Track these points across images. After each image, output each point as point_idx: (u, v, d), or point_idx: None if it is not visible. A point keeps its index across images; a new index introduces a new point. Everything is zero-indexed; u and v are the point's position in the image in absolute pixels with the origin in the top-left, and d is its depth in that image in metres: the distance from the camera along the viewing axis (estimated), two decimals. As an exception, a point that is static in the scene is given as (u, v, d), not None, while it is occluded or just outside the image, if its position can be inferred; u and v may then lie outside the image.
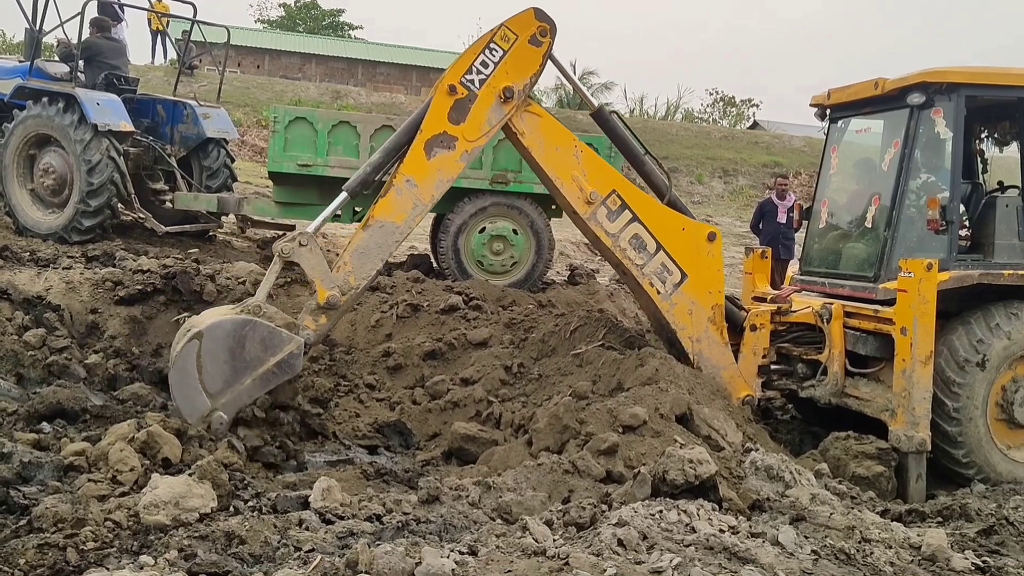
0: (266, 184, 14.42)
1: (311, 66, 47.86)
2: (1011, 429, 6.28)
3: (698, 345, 6.42)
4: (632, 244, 6.30)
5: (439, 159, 5.85)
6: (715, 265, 6.49)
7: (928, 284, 5.85)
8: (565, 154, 6.22)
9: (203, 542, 3.50)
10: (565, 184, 6.22)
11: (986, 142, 7.35)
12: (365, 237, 5.73)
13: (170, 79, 13.36)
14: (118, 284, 7.59)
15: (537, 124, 6.15)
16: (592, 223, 6.26)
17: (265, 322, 5.30)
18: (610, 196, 6.25)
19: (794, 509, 4.46)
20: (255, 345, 5.21)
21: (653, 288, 6.36)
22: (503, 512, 4.31)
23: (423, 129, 5.84)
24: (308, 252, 5.54)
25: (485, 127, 5.94)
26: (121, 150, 9.76)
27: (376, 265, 5.78)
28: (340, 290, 5.61)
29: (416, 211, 5.82)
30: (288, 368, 5.31)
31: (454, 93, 5.86)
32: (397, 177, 5.80)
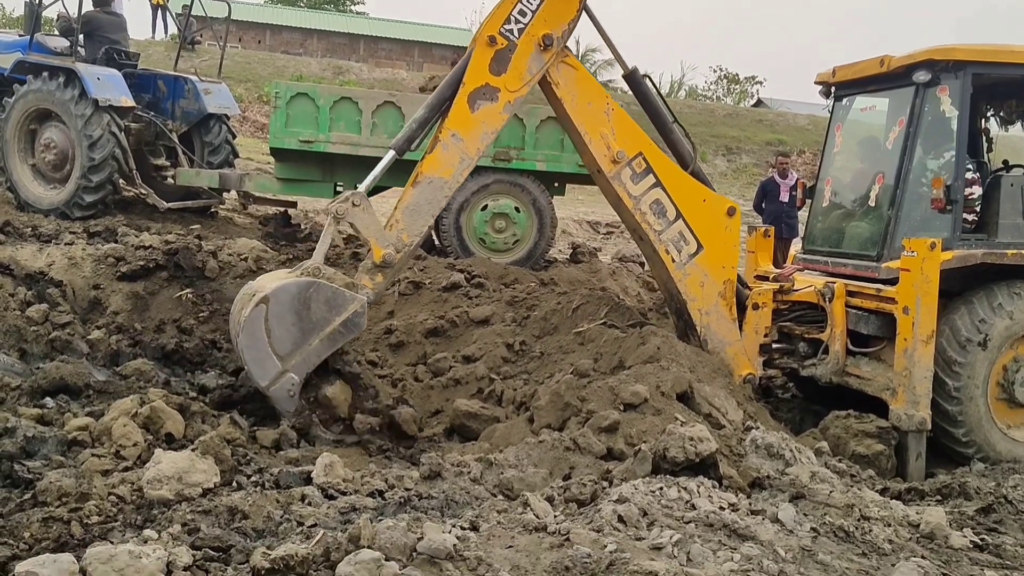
0: (268, 160, 14.38)
1: (313, 41, 47.59)
2: (1011, 408, 6.29)
3: (707, 318, 6.43)
4: (652, 209, 6.29)
5: (483, 111, 5.87)
6: (732, 240, 6.50)
7: (931, 263, 5.84)
8: (596, 110, 6.19)
9: (206, 517, 3.52)
10: (593, 140, 6.20)
11: (992, 120, 7.31)
12: (415, 193, 5.79)
13: (171, 54, 13.29)
14: (120, 260, 7.59)
15: (572, 76, 6.12)
16: (616, 183, 6.24)
17: (328, 283, 5.36)
18: (636, 158, 6.23)
19: (794, 487, 4.48)
20: (320, 306, 5.29)
21: (668, 256, 6.36)
22: (504, 488, 4.34)
23: (465, 82, 5.84)
24: (362, 212, 5.60)
25: (526, 76, 5.93)
26: (122, 125, 9.73)
27: (427, 221, 5.88)
28: (395, 248, 5.68)
29: (463, 165, 5.88)
30: (354, 326, 5.40)
31: (494, 44, 5.85)
32: (443, 132, 5.84)
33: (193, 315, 7.31)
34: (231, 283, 7.69)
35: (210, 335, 7.13)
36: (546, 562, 3.21)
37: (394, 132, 9.04)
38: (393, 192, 12.83)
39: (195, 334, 7.11)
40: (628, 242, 16.54)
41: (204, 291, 7.57)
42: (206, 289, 7.59)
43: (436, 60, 47.34)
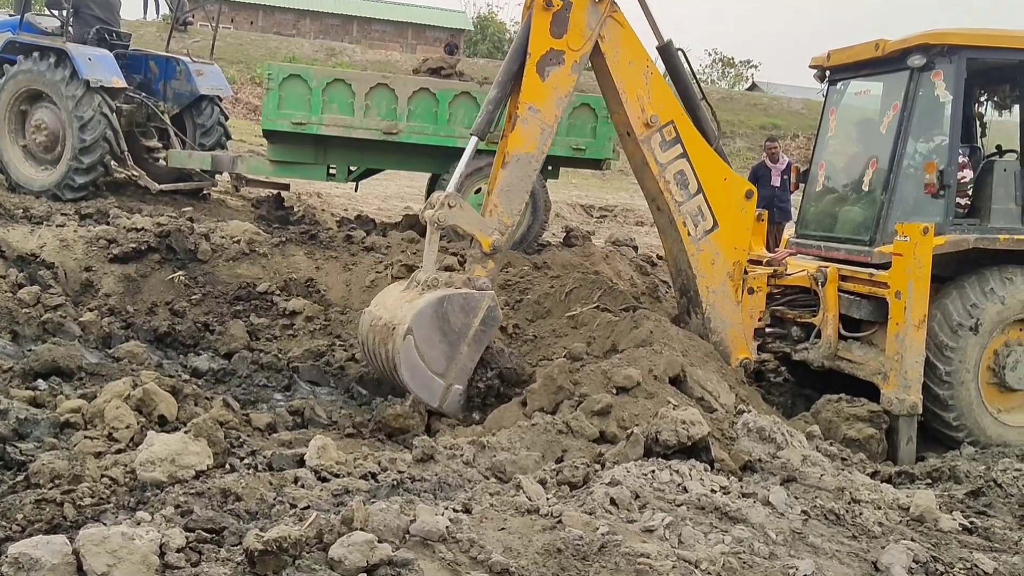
0: (260, 142, 14.31)
1: (305, 23, 47.31)
2: (1002, 393, 6.33)
3: (713, 296, 6.47)
4: (676, 179, 6.35)
5: (553, 77, 5.94)
6: (746, 222, 6.57)
7: (924, 248, 5.85)
8: (636, 70, 6.22)
9: (199, 499, 3.52)
10: (629, 100, 6.23)
11: (985, 105, 7.30)
12: (506, 174, 5.91)
13: (162, 35, 13.18)
14: (112, 242, 7.56)
15: (619, 33, 6.15)
16: (645, 147, 6.29)
17: (455, 292, 5.56)
18: (667, 125, 6.30)
19: (785, 470, 4.51)
20: (457, 315, 5.52)
21: (685, 228, 6.42)
22: (497, 471, 4.35)
23: (531, 52, 5.89)
24: (460, 211, 5.73)
25: (587, 32, 5.98)
26: (114, 106, 9.67)
27: (523, 198, 6.03)
28: (499, 232, 5.86)
29: (545, 135, 5.98)
30: (492, 320, 5.65)
31: (550, 7, 5.87)
32: (519, 108, 5.91)
33: (186, 297, 7.30)
34: (223, 265, 7.68)
35: (202, 317, 7.12)
36: (538, 544, 3.22)
37: (387, 114, 9.02)
38: (387, 175, 12.79)
39: (188, 316, 7.10)
40: (621, 226, 16.54)
41: (196, 273, 7.56)
42: (198, 271, 7.58)
43: (430, 42, 47.11)
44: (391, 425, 5.58)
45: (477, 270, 5.83)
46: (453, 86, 9.20)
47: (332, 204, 13.51)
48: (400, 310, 5.62)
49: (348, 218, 11.19)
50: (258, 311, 7.33)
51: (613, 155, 9.49)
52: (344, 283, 7.75)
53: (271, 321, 7.22)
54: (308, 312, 7.30)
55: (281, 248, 8.05)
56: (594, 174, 16.52)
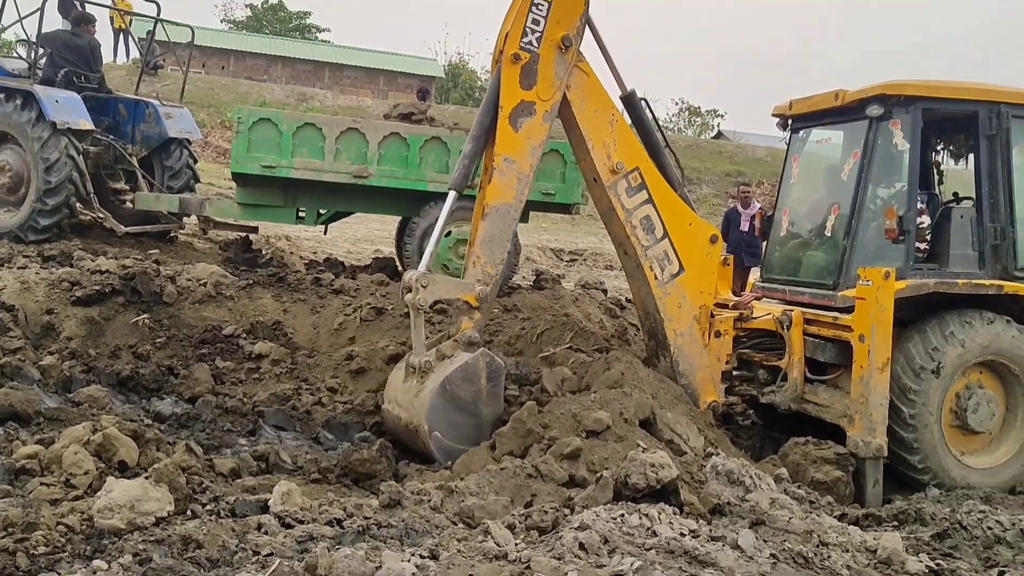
0: (229, 186, 14.27)
1: (277, 68, 47.54)
2: (964, 435, 6.41)
3: (680, 339, 6.51)
4: (642, 224, 6.46)
5: (526, 128, 6.06)
6: (711, 266, 6.67)
7: (886, 292, 5.95)
8: (602, 118, 6.35)
9: (159, 546, 3.44)
10: (596, 147, 6.35)
11: (942, 154, 7.50)
12: (486, 225, 6.01)
13: (132, 78, 13.17)
14: (75, 284, 7.45)
15: (584, 82, 6.29)
16: (611, 193, 6.39)
17: (451, 369, 5.65)
18: (633, 172, 6.42)
19: (754, 513, 4.51)
20: (464, 389, 5.67)
21: (652, 272, 6.50)
22: (465, 516, 4.30)
23: (503, 105, 6.00)
24: (435, 285, 5.79)
25: (556, 82, 6.10)
26: (80, 148, 9.59)
27: (505, 247, 6.12)
28: (483, 282, 5.93)
29: (521, 184, 6.08)
30: (496, 372, 5.79)
31: (518, 60, 5.99)
32: (495, 159, 6.01)
33: (150, 341, 7.19)
34: (189, 308, 7.59)
35: (167, 361, 7.02)
36: (506, 590, 3.18)
37: (357, 158, 9.04)
38: (357, 218, 12.80)
39: (151, 360, 6.98)
40: (591, 269, 16.64)
41: (161, 316, 7.46)
42: (163, 314, 7.48)
43: (401, 88, 47.53)
44: (357, 470, 5.51)
45: (464, 323, 5.92)
46: (424, 131, 9.27)
47: (301, 247, 13.46)
48: (412, 407, 5.76)
49: (317, 261, 11.15)
50: (224, 354, 7.24)
51: (582, 200, 9.58)
52: (312, 326, 7.70)
53: (237, 364, 7.13)
54: (274, 355, 7.23)
55: (248, 291, 7.99)
56: (564, 218, 16.65)
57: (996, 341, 6.28)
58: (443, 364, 5.75)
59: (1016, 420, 6.46)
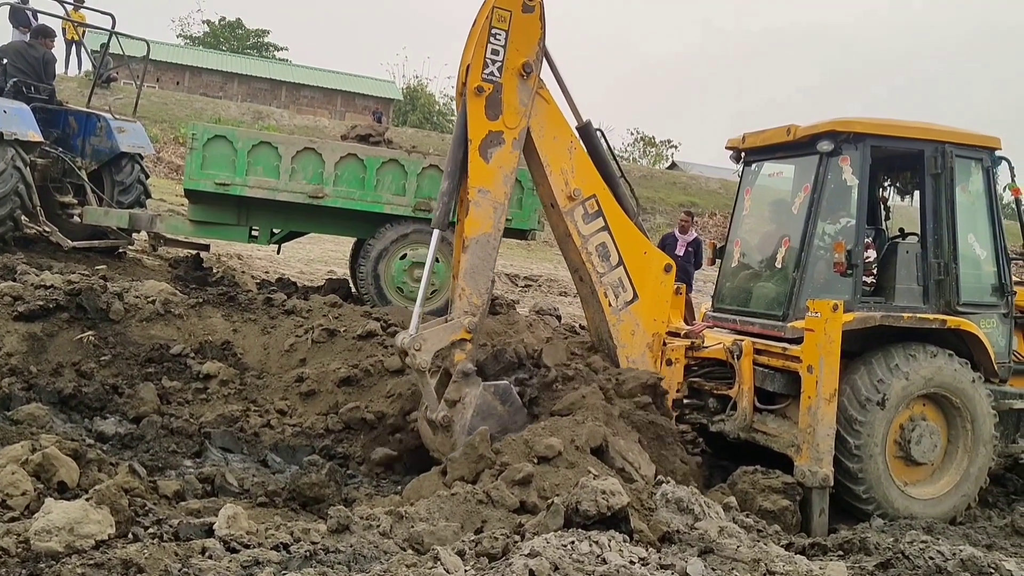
0: (181, 202, 14.06)
1: (233, 85, 47.16)
2: (908, 466, 6.53)
3: (633, 366, 6.55)
4: (598, 251, 6.56)
5: (496, 158, 6.11)
6: (664, 295, 6.78)
7: (833, 324, 6.07)
8: (560, 145, 6.46)
9: (98, 570, 3.34)
10: (553, 173, 6.45)
11: (889, 190, 7.71)
12: (468, 258, 6.04)
13: (84, 90, 12.94)
14: (18, 299, 7.25)
15: (544, 109, 6.39)
16: (568, 219, 6.49)
17: (468, 416, 5.71)
18: (590, 199, 6.53)
19: (703, 541, 4.53)
20: (489, 423, 5.69)
21: (607, 299, 6.59)
22: (414, 542, 4.25)
23: (471, 138, 6.06)
24: (427, 343, 5.81)
25: (521, 108, 6.18)
26: (28, 160, 9.38)
27: (488, 276, 6.16)
28: (470, 314, 5.96)
29: (498, 213, 6.14)
30: (505, 393, 5.86)
31: (481, 93, 6.05)
32: (469, 192, 6.06)
33: (94, 358, 7.02)
34: (136, 326, 7.43)
35: (111, 379, 6.85)
36: (455, 617, 3.14)
37: (313, 178, 8.98)
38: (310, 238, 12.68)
39: (95, 378, 6.81)
40: (545, 295, 16.69)
41: (107, 334, 7.28)
42: (110, 332, 7.31)
43: (359, 110, 47.46)
44: (306, 494, 5.43)
45: (457, 355, 5.94)
46: (381, 153, 9.25)
47: (253, 266, 13.30)
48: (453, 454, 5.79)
49: (269, 280, 11.01)
50: (171, 374, 7.09)
51: (538, 226, 9.63)
52: (262, 347, 7.59)
53: (184, 384, 6.99)
54: (223, 376, 7.10)
55: (198, 309, 7.85)
56: (520, 244, 16.69)
57: (939, 374, 6.44)
58: (458, 410, 5.79)
59: (957, 452, 6.61)
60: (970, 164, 6.94)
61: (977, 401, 6.55)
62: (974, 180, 6.99)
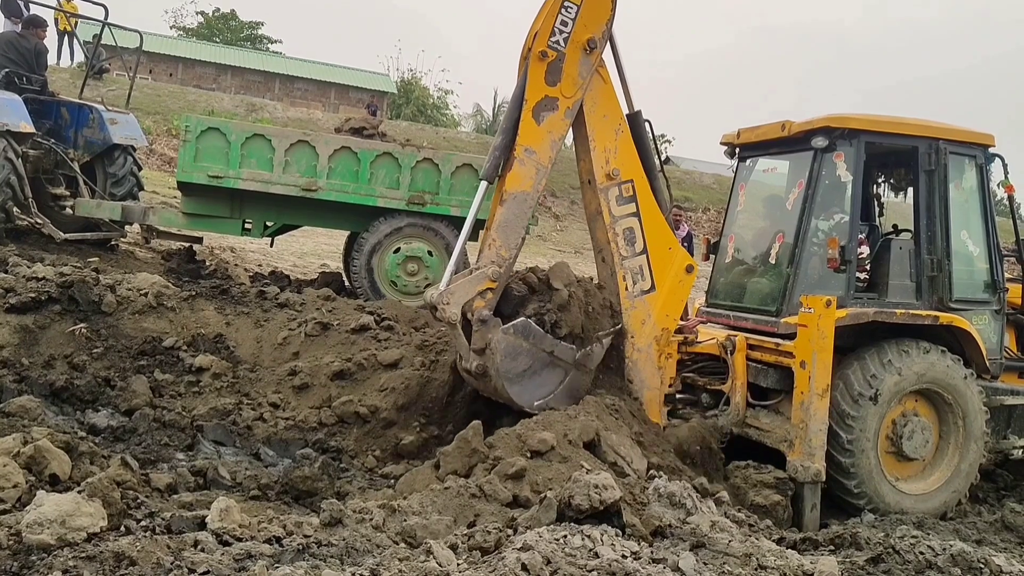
0: (174, 194, 14.02)
1: (226, 77, 46.99)
2: (899, 462, 6.56)
3: (638, 354, 6.59)
4: (625, 234, 6.65)
5: (547, 122, 6.28)
6: (681, 293, 6.83)
7: (827, 320, 6.08)
8: (609, 124, 6.61)
9: (90, 563, 3.33)
10: (596, 150, 6.59)
11: (883, 187, 7.72)
12: (503, 211, 6.20)
13: (76, 82, 12.88)
14: (9, 291, 7.21)
15: (600, 87, 6.54)
16: (603, 196, 6.62)
17: (495, 357, 5.88)
18: (627, 183, 6.65)
19: (695, 536, 4.53)
20: (520, 363, 5.96)
21: (624, 283, 6.65)
22: (407, 536, 4.25)
23: (527, 99, 6.22)
24: (455, 295, 5.94)
25: (579, 81, 6.34)
26: (19, 151, 9.34)
27: (520, 233, 6.30)
28: (497, 264, 6.10)
29: (540, 175, 6.30)
30: (526, 329, 6.01)
31: (545, 58, 6.21)
32: (516, 150, 6.22)
33: (86, 351, 6.99)
34: (129, 318, 7.40)
35: (104, 372, 6.82)
36: (448, 611, 3.15)
37: (307, 171, 8.96)
38: (304, 231, 12.66)
39: (88, 371, 6.79)
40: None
41: (100, 326, 7.25)
42: (102, 324, 7.28)
43: (352, 103, 47.34)
44: (298, 487, 5.43)
45: (477, 303, 6.05)
46: (375, 146, 9.23)
47: (246, 259, 13.27)
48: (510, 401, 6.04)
49: (262, 274, 10.99)
50: (163, 367, 7.07)
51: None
52: (255, 340, 7.57)
53: (176, 377, 6.97)
54: (216, 369, 7.08)
55: (190, 302, 7.82)
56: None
57: (931, 370, 6.46)
58: (488, 356, 5.93)
59: (948, 448, 6.65)
60: (964, 161, 6.96)
61: (969, 397, 6.58)
62: (968, 177, 7.02)
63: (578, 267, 7.90)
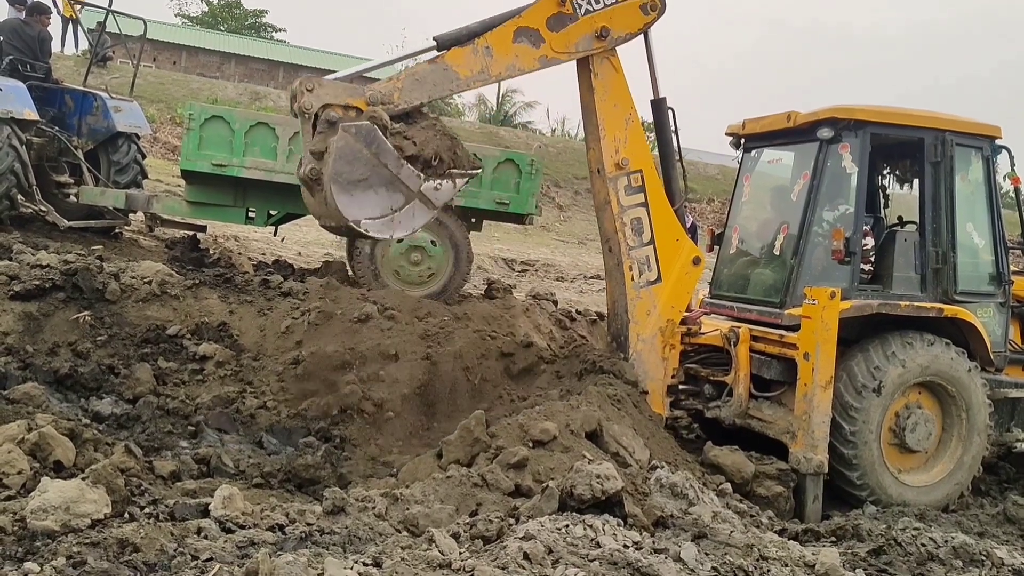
0: (178, 183, 14.00)
1: (230, 65, 46.90)
2: (902, 454, 6.56)
3: (642, 345, 6.61)
4: (632, 224, 6.66)
5: (521, 47, 6.20)
6: (688, 285, 6.86)
7: (831, 312, 6.07)
8: (619, 113, 6.61)
9: (94, 549, 3.35)
10: (606, 139, 6.59)
11: (889, 178, 7.69)
12: (427, 69, 5.98)
13: (80, 69, 12.87)
14: (13, 278, 7.22)
15: (611, 75, 6.55)
16: (611, 185, 6.61)
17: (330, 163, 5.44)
18: (636, 173, 6.65)
19: (696, 526, 4.55)
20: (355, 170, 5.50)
21: (630, 273, 6.67)
22: (410, 524, 4.27)
23: (522, 16, 6.17)
24: (322, 89, 5.60)
25: (572, 48, 6.34)
26: (24, 139, 9.33)
27: (422, 97, 5.96)
28: (384, 97, 5.74)
29: (480, 76, 6.14)
30: (368, 133, 5.52)
31: (562, 5, 6.20)
32: (480, 39, 6.07)
33: (90, 339, 7.00)
34: (132, 306, 7.40)
35: (107, 360, 6.83)
36: (450, 599, 3.16)
37: (311, 160, 8.95)
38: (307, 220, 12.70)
39: (92, 358, 6.80)
40: (542, 280, 16.68)
41: (103, 314, 7.26)
42: (106, 312, 7.28)
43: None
44: (301, 476, 5.44)
45: (336, 110, 5.62)
46: (379, 135, 9.19)
47: (250, 248, 13.26)
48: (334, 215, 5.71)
49: (266, 262, 10.98)
50: (167, 355, 7.08)
51: (535, 211, 9.60)
52: (258, 328, 7.56)
53: (180, 366, 6.97)
54: (219, 357, 7.09)
55: (194, 291, 7.82)
56: (516, 229, 16.64)
57: (935, 362, 6.45)
58: (325, 161, 5.52)
59: (951, 440, 6.64)
60: (970, 153, 6.93)
61: (973, 390, 6.57)
62: (974, 169, 6.98)
63: (582, 257, 7.91)
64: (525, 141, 29.27)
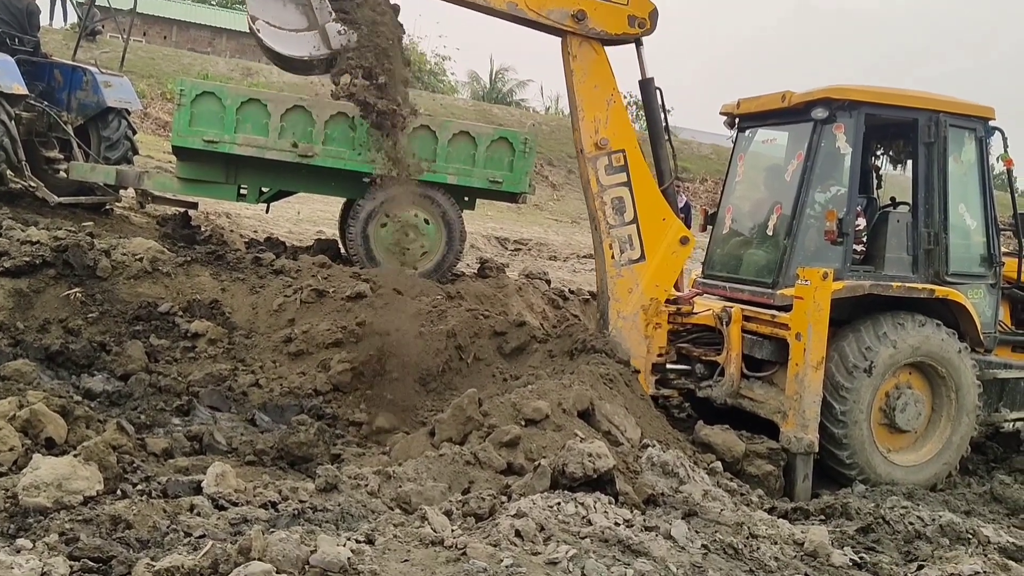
0: (169, 159, 13.91)
1: (222, 40, 46.45)
2: (892, 433, 6.61)
3: (622, 322, 6.63)
4: (613, 204, 6.69)
5: None
6: (674, 265, 6.89)
7: (823, 292, 6.09)
8: (599, 95, 6.66)
9: (87, 526, 3.35)
10: (585, 119, 6.64)
11: (882, 159, 7.69)
12: None
13: (70, 43, 12.72)
14: (3, 255, 7.18)
15: (590, 57, 6.64)
16: (591, 165, 6.65)
17: None
18: (618, 152, 6.69)
19: (687, 504, 4.58)
20: None
21: (611, 251, 6.71)
22: (402, 502, 4.29)
23: None
24: None
25: (544, 12, 6.48)
26: (12, 113, 9.24)
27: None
28: None
29: None
30: None
31: None
32: None
33: (81, 315, 6.98)
34: (124, 283, 7.38)
35: (99, 337, 6.82)
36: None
37: (303, 136, 8.89)
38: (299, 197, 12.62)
39: (83, 335, 6.78)
40: (535, 259, 16.68)
41: (95, 291, 7.23)
42: (97, 289, 7.26)
43: (349, 68, 46.75)
44: (294, 453, 5.45)
45: None
46: (371, 112, 9.13)
47: (241, 225, 13.21)
48: None
49: (257, 240, 10.94)
50: (158, 332, 7.06)
51: (528, 189, 9.58)
52: (250, 306, 7.55)
53: (172, 343, 6.97)
54: (211, 335, 7.08)
55: (186, 268, 7.80)
56: (510, 207, 16.62)
57: (926, 343, 6.48)
58: None
59: (940, 420, 6.69)
60: (963, 134, 6.92)
61: (962, 371, 6.60)
62: (967, 150, 6.99)
63: (575, 236, 7.91)
64: (519, 119, 29.17)
